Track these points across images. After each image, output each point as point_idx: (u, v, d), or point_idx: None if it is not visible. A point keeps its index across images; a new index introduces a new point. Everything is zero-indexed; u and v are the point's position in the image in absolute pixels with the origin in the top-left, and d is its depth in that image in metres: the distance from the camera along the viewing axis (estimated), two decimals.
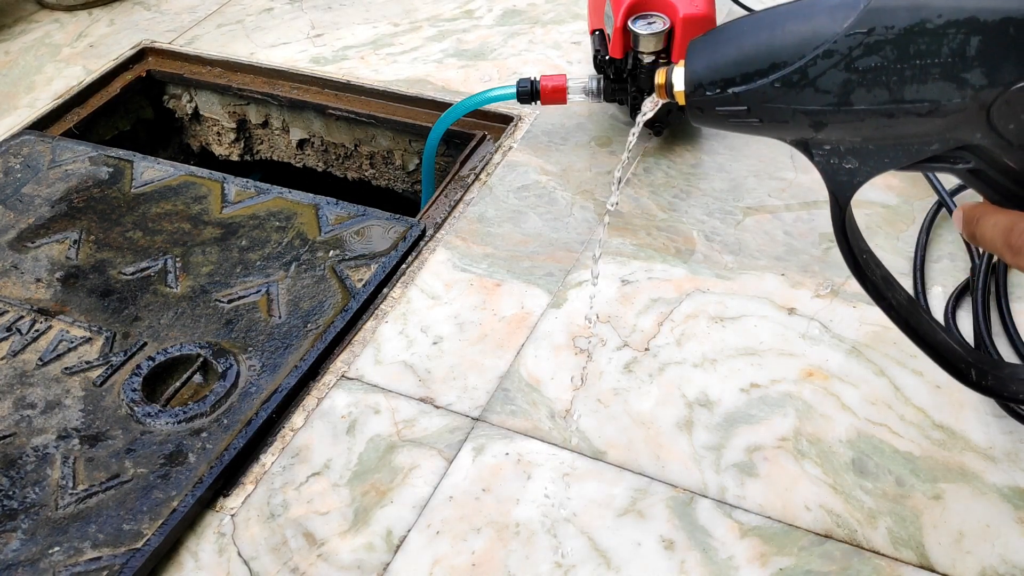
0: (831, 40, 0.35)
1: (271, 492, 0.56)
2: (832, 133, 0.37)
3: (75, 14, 1.12)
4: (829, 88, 0.36)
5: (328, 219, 0.75)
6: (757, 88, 0.37)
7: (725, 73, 0.38)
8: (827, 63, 0.35)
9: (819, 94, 0.36)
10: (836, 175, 0.39)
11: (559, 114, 0.86)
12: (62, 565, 0.52)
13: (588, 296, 0.67)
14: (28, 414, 0.61)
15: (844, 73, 0.35)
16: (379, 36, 1.01)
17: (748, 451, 0.56)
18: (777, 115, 0.38)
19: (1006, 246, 0.37)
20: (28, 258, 0.74)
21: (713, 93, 0.39)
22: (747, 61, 0.37)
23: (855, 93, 0.36)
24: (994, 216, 0.38)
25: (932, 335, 0.43)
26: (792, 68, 0.36)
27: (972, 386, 0.43)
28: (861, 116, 0.36)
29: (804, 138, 0.38)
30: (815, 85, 0.36)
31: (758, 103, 0.38)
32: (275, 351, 0.64)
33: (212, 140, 1.07)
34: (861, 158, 0.38)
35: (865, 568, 0.50)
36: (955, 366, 0.43)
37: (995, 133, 0.35)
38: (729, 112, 0.39)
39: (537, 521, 0.53)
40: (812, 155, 0.39)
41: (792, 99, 0.37)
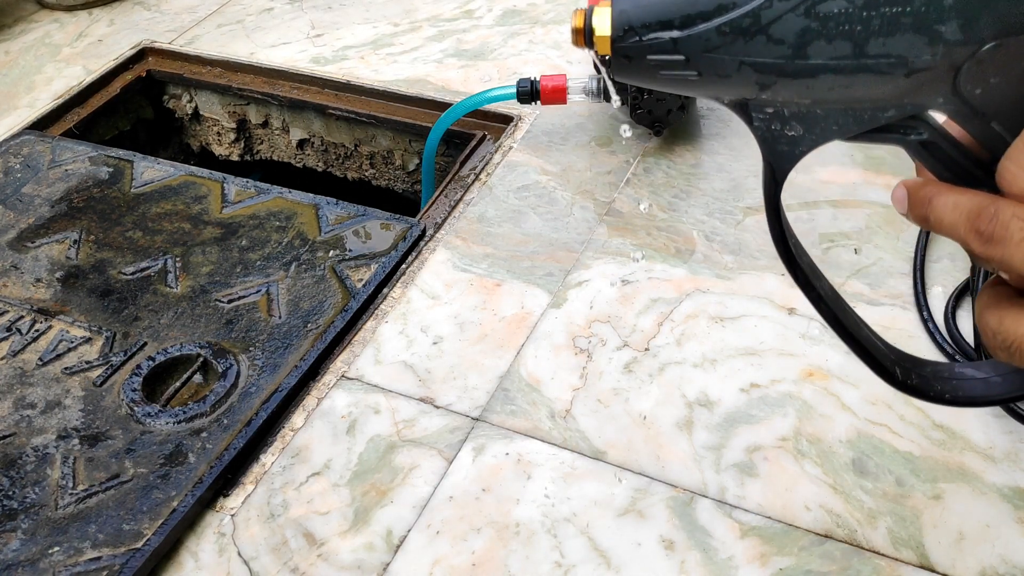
0: None
1: (271, 492, 0.56)
2: (779, 92, 0.33)
3: (75, 14, 1.12)
4: (784, 37, 0.31)
5: (328, 219, 0.75)
6: (699, 33, 0.32)
7: (662, 14, 0.32)
8: (784, 6, 0.30)
9: (772, 44, 0.31)
10: (776, 143, 0.35)
11: (559, 114, 0.86)
12: (62, 565, 0.52)
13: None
14: (28, 414, 0.61)
15: (803, 19, 0.30)
16: (379, 36, 1.01)
17: (748, 451, 0.56)
18: (720, 68, 0.32)
19: (973, 232, 0.32)
20: (28, 258, 0.74)
21: (646, 38, 0.33)
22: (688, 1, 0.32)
23: (813, 45, 0.31)
24: (951, 195, 0.33)
25: (858, 330, 0.40)
26: (743, 10, 0.31)
27: (897, 386, 0.40)
28: (816, 73, 0.31)
29: (745, 98, 0.33)
30: (768, 33, 0.31)
31: (699, 52, 0.32)
32: (275, 351, 0.64)
33: (212, 140, 1.07)
34: (806, 124, 0.34)
35: (865, 568, 0.50)
36: (880, 364, 0.40)
37: (959, 98, 0.31)
38: (662, 62, 0.33)
39: (537, 521, 0.53)
40: (751, 119, 0.34)
41: (739, 49, 0.31)
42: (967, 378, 0.39)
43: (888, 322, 0.63)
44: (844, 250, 0.69)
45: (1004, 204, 0.31)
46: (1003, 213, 0.31)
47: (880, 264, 0.67)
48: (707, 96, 0.35)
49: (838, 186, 0.75)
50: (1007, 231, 0.31)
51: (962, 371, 0.39)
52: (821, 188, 0.74)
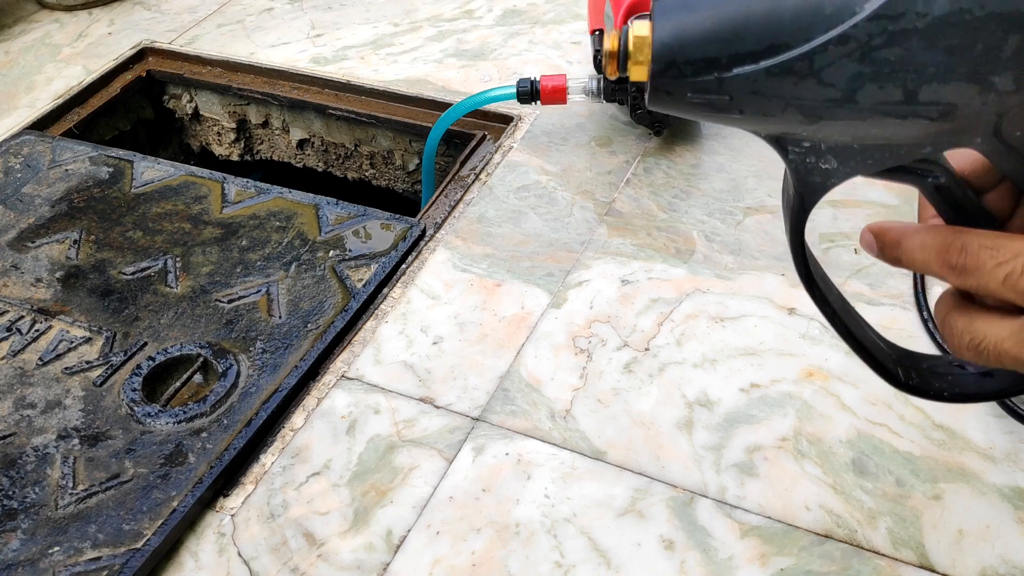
0: (849, 23, 0.28)
1: (271, 492, 0.56)
2: (821, 131, 0.32)
3: (75, 14, 1.12)
4: (835, 81, 0.29)
5: (328, 219, 0.75)
6: (747, 75, 0.30)
7: (708, 51, 0.30)
8: (840, 51, 0.29)
9: (822, 87, 0.30)
10: (809, 175, 0.34)
11: (559, 114, 0.86)
12: (62, 565, 0.52)
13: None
14: (28, 414, 0.61)
15: (857, 65, 0.29)
16: (379, 36, 1.01)
17: (748, 451, 0.56)
18: (765, 107, 0.31)
19: (946, 267, 0.34)
20: (28, 258, 0.74)
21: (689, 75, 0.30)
22: (738, 37, 0.30)
23: (864, 89, 0.29)
24: (918, 235, 0.35)
25: (864, 335, 0.40)
26: (796, 53, 0.29)
27: (900, 386, 0.40)
28: (863, 116, 0.30)
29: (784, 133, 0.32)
30: (819, 77, 0.29)
31: (745, 93, 0.30)
32: (275, 351, 0.64)
33: (212, 140, 1.08)
34: (842, 158, 0.33)
35: (865, 568, 0.50)
36: (884, 366, 0.40)
37: (999, 139, 0.31)
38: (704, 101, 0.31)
39: (537, 521, 0.53)
40: (787, 152, 0.33)
41: (788, 91, 0.30)
42: (962, 374, 0.39)
43: (888, 322, 0.63)
44: (844, 250, 0.69)
45: (970, 236, 0.33)
46: (971, 245, 0.33)
47: (880, 264, 0.67)
48: (747, 129, 0.33)
49: (838, 186, 0.75)
50: (979, 261, 0.33)
51: (957, 366, 0.40)
52: None
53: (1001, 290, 0.33)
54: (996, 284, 0.33)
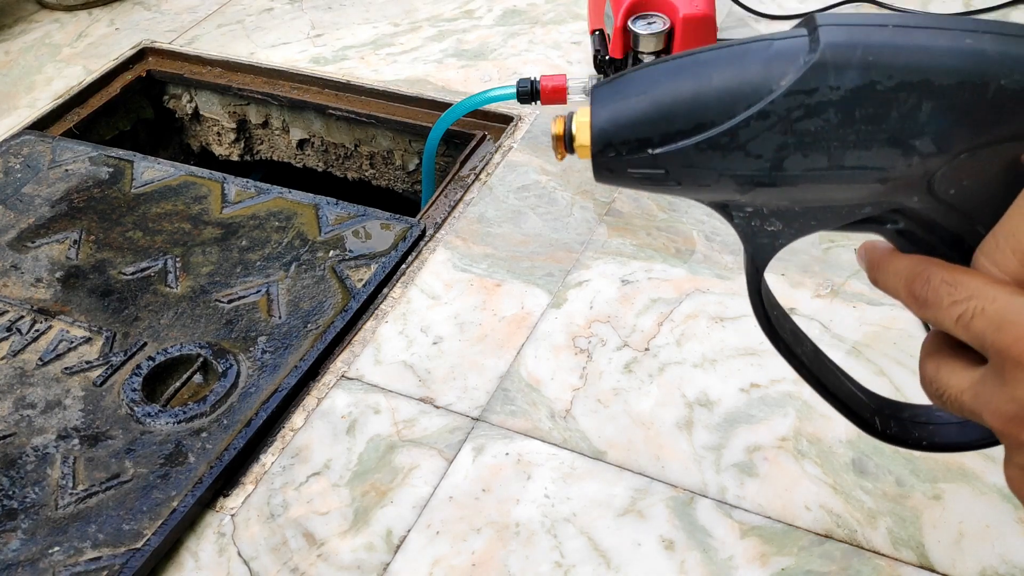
0: (767, 99, 0.30)
1: (271, 492, 0.56)
2: (758, 197, 0.33)
3: (75, 14, 1.12)
4: (761, 152, 0.31)
5: (328, 219, 0.75)
6: (678, 150, 0.32)
7: (640, 132, 0.33)
8: (761, 125, 0.31)
9: (749, 159, 0.32)
10: (757, 237, 0.35)
11: (559, 114, 0.86)
12: (62, 565, 0.52)
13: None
14: (28, 414, 0.61)
15: (780, 136, 0.31)
16: (379, 36, 1.01)
17: (748, 451, 0.56)
18: (700, 179, 0.33)
19: (910, 297, 0.34)
20: (28, 258, 0.74)
21: (625, 154, 0.33)
22: (666, 118, 0.32)
23: (790, 158, 0.31)
24: (894, 263, 0.35)
25: (838, 386, 0.40)
26: (720, 129, 0.31)
27: (878, 436, 0.40)
28: (794, 182, 0.32)
29: (725, 200, 0.34)
30: (745, 149, 0.31)
31: (678, 167, 0.33)
32: (275, 351, 0.64)
33: (212, 140, 1.08)
34: (786, 221, 0.34)
35: (865, 568, 0.50)
36: (860, 416, 0.40)
37: (933, 197, 0.32)
38: (643, 175, 0.34)
39: (537, 521, 0.53)
40: (731, 217, 0.35)
41: (718, 163, 0.32)
42: (943, 423, 0.39)
43: (888, 322, 0.63)
44: (844, 250, 0.69)
45: (935, 269, 0.33)
46: (934, 279, 0.33)
47: None
48: (690, 198, 0.35)
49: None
50: (937, 296, 0.33)
51: (939, 415, 0.40)
52: None
53: (954, 329, 0.32)
54: (950, 322, 0.32)
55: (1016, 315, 0.30)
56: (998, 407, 0.31)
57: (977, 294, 0.31)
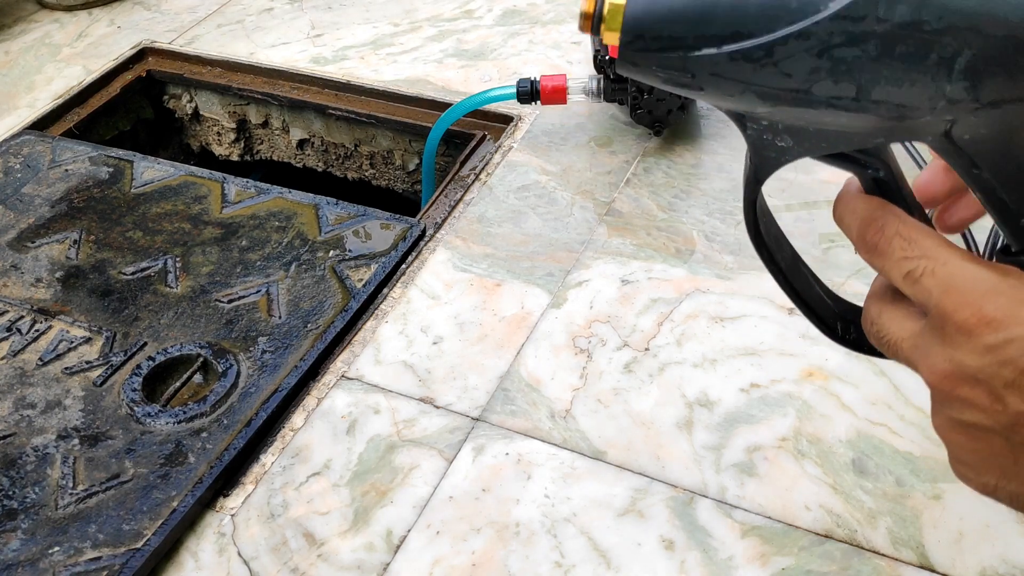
0: (812, 19, 0.29)
1: (271, 492, 0.56)
2: (777, 113, 0.33)
3: (75, 14, 1.12)
4: (793, 72, 0.31)
5: (328, 219, 0.75)
6: (710, 56, 0.31)
7: (675, 30, 0.31)
8: (799, 45, 0.30)
9: (779, 76, 0.31)
10: (765, 150, 0.35)
11: (559, 114, 0.86)
12: (62, 565, 0.52)
13: None
14: (28, 414, 0.61)
15: (815, 59, 0.30)
16: (379, 36, 1.01)
17: (748, 451, 0.56)
18: (725, 88, 0.32)
19: (860, 240, 0.35)
20: (28, 258, 0.74)
21: (655, 50, 0.32)
22: (705, 19, 0.31)
23: (820, 83, 0.31)
24: (854, 201, 0.36)
25: (808, 291, 0.41)
26: (757, 42, 0.30)
27: (839, 341, 0.41)
28: (818, 105, 0.31)
29: (743, 111, 0.34)
30: (778, 66, 0.30)
31: (706, 73, 0.32)
32: (275, 351, 0.64)
33: (212, 140, 1.08)
34: (797, 139, 0.34)
35: (865, 568, 0.50)
36: (825, 322, 0.41)
37: (948, 140, 0.32)
38: (668, 75, 0.32)
39: (537, 521, 0.53)
40: (745, 127, 0.35)
41: (747, 76, 0.31)
42: None
43: None
44: (844, 250, 0.69)
45: (891, 218, 0.34)
46: (888, 228, 0.34)
47: None
48: (707, 102, 0.34)
49: (838, 186, 0.74)
50: (889, 246, 0.33)
51: None
52: (821, 188, 0.74)
53: (901, 283, 0.33)
54: (898, 275, 0.33)
55: (963, 282, 0.31)
56: (934, 363, 0.33)
57: (929, 254, 0.32)
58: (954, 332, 0.31)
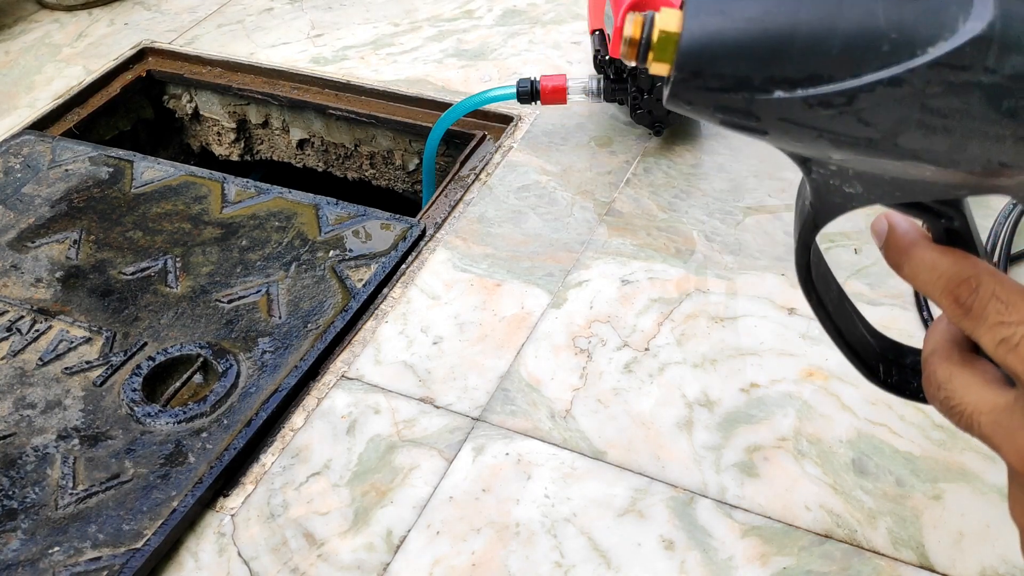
0: (906, 65, 0.25)
1: (271, 492, 0.56)
2: (851, 161, 0.29)
3: (75, 14, 1.12)
4: (877, 122, 0.26)
5: (328, 219, 0.75)
6: (780, 101, 0.26)
7: (740, 68, 0.26)
8: (888, 93, 0.25)
9: (861, 125, 0.26)
10: (830, 195, 0.31)
11: (559, 114, 0.86)
12: (62, 565, 0.52)
13: None
14: (28, 414, 0.61)
15: (905, 110, 0.26)
16: (379, 36, 1.01)
17: (748, 451, 0.56)
18: (794, 134, 0.28)
19: (951, 298, 0.31)
20: (28, 258, 0.74)
21: (715, 89, 0.27)
22: (777, 59, 0.26)
23: (907, 135, 0.26)
24: (931, 252, 0.32)
25: (852, 331, 0.38)
26: (838, 88, 0.26)
27: (881, 384, 0.38)
28: (901, 156, 0.27)
29: (810, 156, 0.30)
30: (861, 114, 0.26)
31: (774, 117, 0.27)
32: (275, 351, 0.64)
33: (212, 140, 1.08)
34: (869, 186, 0.30)
35: (865, 568, 0.50)
36: (867, 364, 0.38)
37: None
38: (728, 118, 0.28)
39: (537, 521, 0.53)
40: (809, 170, 0.30)
41: (822, 123, 0.27)
42: None
43: (888, 322, 0.63)
44: (844, 250, 0.69)
45: (986, 278, 0.31)
46: (984, 289, 0.30)
47: (880, 264, 0.67)
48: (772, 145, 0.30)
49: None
50: (984, 310, 0.30)
51: None
52: None
53: (993, 351, 0.30)
54: (990, 342, 0.30)
55: None
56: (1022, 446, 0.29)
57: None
58: None
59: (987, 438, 0.31)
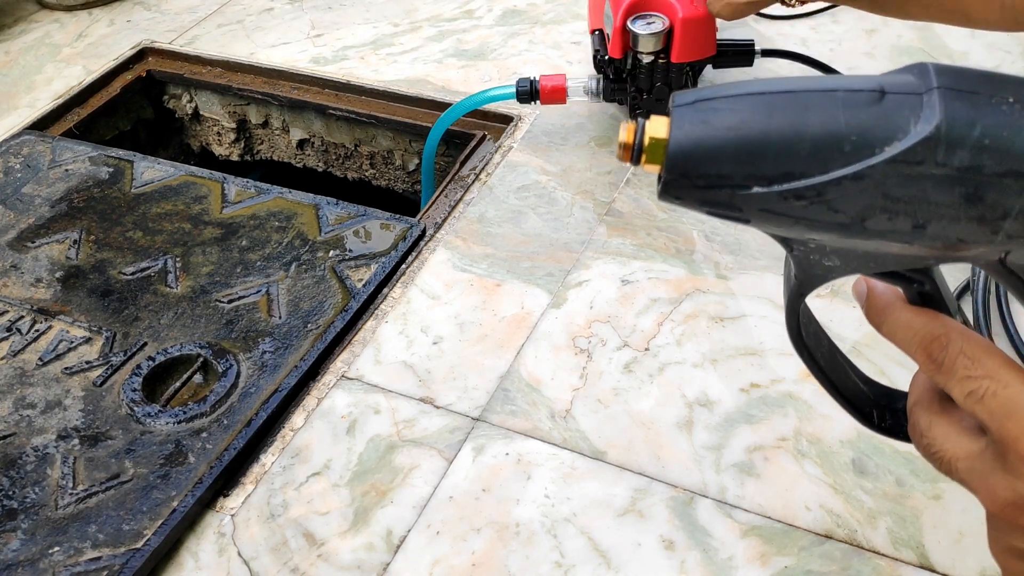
0: (866, 163, 0.29)
1: (271, 492, 0.56)
2: (827, 241, 0.32)
3: (75, 14, 1.12)
4: (845, 210, 0.30)
5: (328, 219, 0.75)
6: (758, 195, 0.30)
7: (722, 168, 0.30)
8: (853, 186, 0.29)
9: (831, 212, 0.30)
10: (811, 268, 0.34)
11: (559, 114, 0.86)
12: (62, 565, 0.52)
13: None
14: (28, 414, 0.61)
15: (869, 198, 0.29)
16: (379, 36, 1.01)
17: (748, 451, 0.56)
18: (773, 221, 0.31)
19: (925, 355, 0.34)
20: (28, 258, 0.74)
21: (700, 187, 0.31)
22: (753, 160, 0.30)
23: (874, 219, 0.30)
24: (906, 314, 0.35)
25: (844, 382, 0.41)
26: (809, 183, 0.29)
27: (875, 429, 0.41)
28: (871, 237, 0.30)
29: (789, 237, 0.33)
30: (830, 204, 0.29)
31: (755, 209, 0.31)
32: (275, 351, 0.64)
33: (212, 140, 1.08)
34: (846, 259, 0.33)
35: (865, 568, 0.50)
36: (861, 411, 0.41)
37: (1002, 265, 0.32)
38: (713, 211, 0.32)
39: (537, 521, 0.53)
40: (791, 248, 0.34)
41: (797, 212, 0.30)
42: None
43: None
44: None
45: (955, 336, 0.33)
46: (953, 347, 0.33)
47: None
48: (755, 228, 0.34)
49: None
50: (954, 365, 0.33)
51: None
52: None
53: (962, 401, 0.33)
54: (959, 394, 0.33)
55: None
56: (994, 491, 0.32)
57: (993, 375, 0.32)
58: (1016, 461, 0.31)
59: (964, 483, 0.34)
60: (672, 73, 0.76)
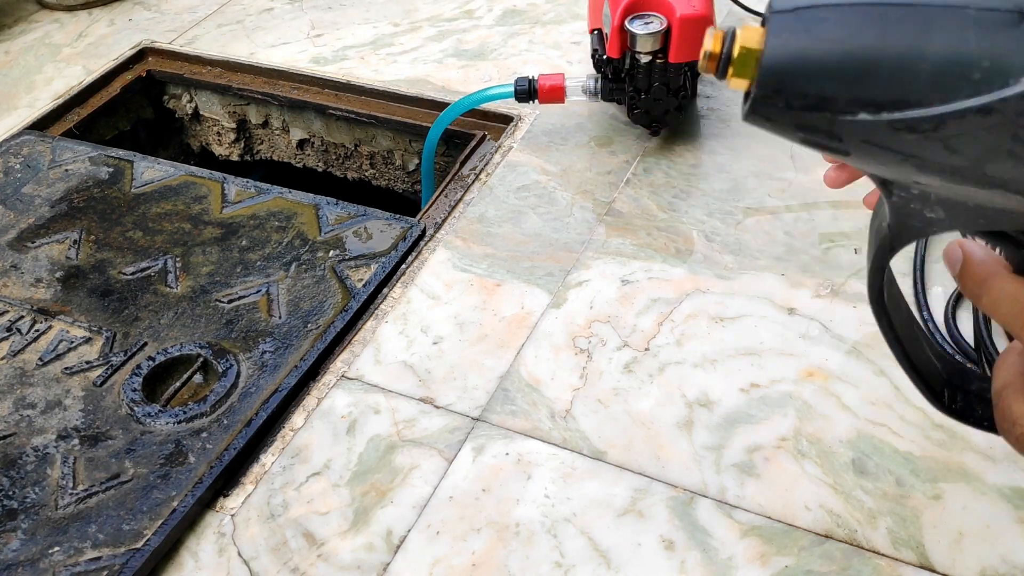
0: (999, 95, 0.24)
1: (271, 492, 0.56)
2: (934, 186, 0.28)
3: (75, 14, 1.12)
4: (965, 150, 0.25)
5: (328, 219, 0.75)
6: (864, 123, 0.26)
7: (824, 88, 0.26)
8: (978, 121, 0.25)
9: (947, 152, 0.25)
10: (910, 219, 0.29)
11: (559, 114, 0.86)
12: (62, 565, 0.52)
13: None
14: (28, 414, 0.61)
15: (995, 138, 0.25)
16: (379, 36, 1.01)
17: (748, 451, 0.56)
18: (877, 156, 0.27)
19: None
20: (28, 258, 0.74)
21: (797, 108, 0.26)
22: (862, 80, 0.25)
23: (996, 163, 0.25)
24: (1012, 286, 0.31)
25: (918, 354, 0.37)
26: (926, 113, 0.25)
27: (945, 410, 0.37)
28: (988, 185, 0.26)
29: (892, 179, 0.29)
30: (948, 141, 0.25)
31: (858, 140, 0.26)
32: (275, 351, 0.64)
33: (212, 140, 1.08)
34: (951, 212, 0.28)
35: (865, 568, 0.50)
36: (932, 388, 0.37)
37: None
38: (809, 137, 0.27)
39: (537, 521, 0.53)
40: (890, 193, 0.29)
41: (907, 147, 0.26)
42: None
43: None
44: (844, 250, 0.69)
45: None
46: None
47: None
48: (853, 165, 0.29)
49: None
50: None
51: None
52: (821, 188, 0.74)
53: None
54: None
55: None
56: None
57: None
58: None
59: None
60: (670, 73, 0.76)
